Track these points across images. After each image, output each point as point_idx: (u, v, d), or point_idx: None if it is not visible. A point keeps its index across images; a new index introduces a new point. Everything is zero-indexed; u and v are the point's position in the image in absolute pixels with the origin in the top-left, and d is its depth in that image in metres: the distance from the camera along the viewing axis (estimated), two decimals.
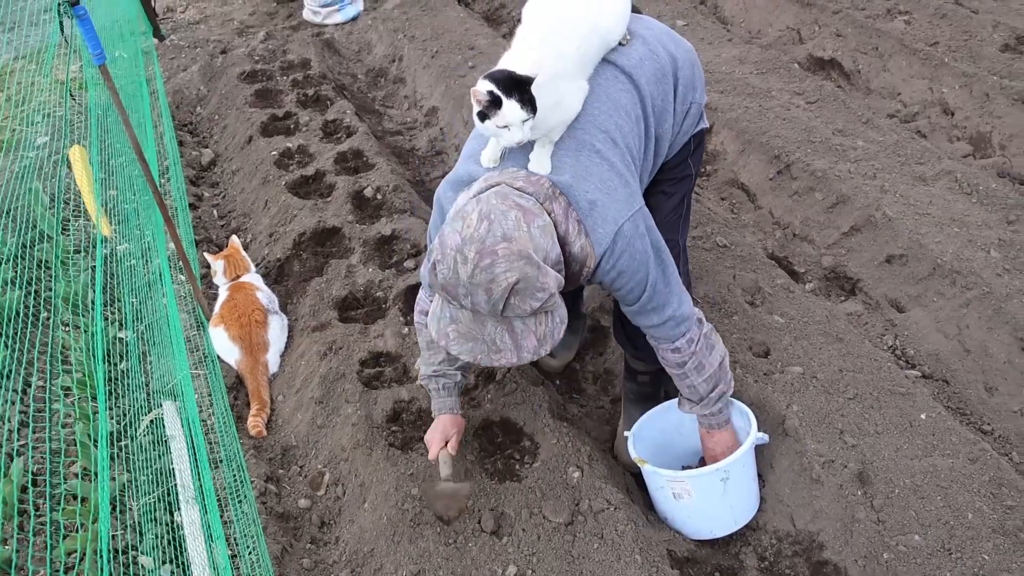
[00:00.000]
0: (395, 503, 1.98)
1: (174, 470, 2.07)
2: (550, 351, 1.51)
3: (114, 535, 1.98)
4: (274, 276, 3.00)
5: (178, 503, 1.99)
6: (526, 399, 2.23)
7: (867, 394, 2.13)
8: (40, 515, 2.02)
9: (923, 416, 2.06)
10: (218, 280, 2.81)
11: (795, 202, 3.03)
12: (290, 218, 3.19)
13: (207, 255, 2.87)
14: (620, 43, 1.68)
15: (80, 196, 2.96)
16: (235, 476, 2.10)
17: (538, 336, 1.46)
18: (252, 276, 2.82)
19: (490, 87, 1.40)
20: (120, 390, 2.44)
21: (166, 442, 2.17)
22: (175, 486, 2.03)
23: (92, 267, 2.72)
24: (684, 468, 2.09)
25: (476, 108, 1.44)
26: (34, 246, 2.99)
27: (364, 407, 2.28)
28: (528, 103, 1.40)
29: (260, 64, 4.58)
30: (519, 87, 1.40)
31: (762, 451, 2.04)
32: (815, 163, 3.05)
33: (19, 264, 2.85)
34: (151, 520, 2.01)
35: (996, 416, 2.25)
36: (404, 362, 2.47)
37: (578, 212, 1.53)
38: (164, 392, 2.38)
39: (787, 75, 3.71)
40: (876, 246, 2.73)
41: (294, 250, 3.05)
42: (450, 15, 4.74)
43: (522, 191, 1.48)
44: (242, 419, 2.44)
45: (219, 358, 2.60)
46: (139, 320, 2.69)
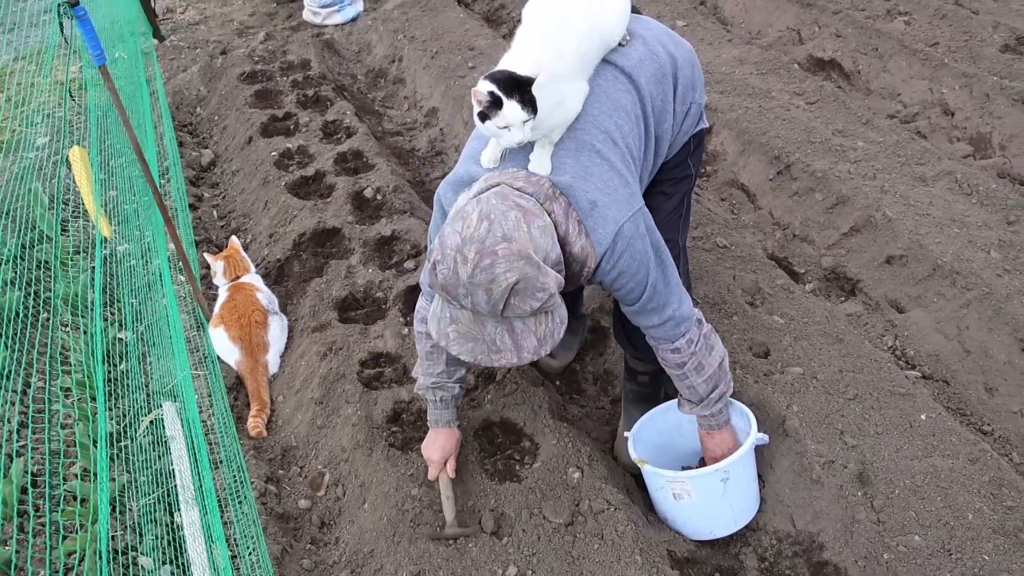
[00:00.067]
0: (395, 503, 1.98)
1: (174, 471, 2.07)
2: (550, 351, 1.52)
3: (114, 536, 1.98)
4: (274, 277, 3.00)
5: (178, 504, 1.99)
6: (526, 399, 2.23)
7: (867, 395, 2.13)
8: (40, 516, 2.02)
9: (923, 417, 2.06)
10: (218, 281, 2.81)
11: (795, 203, 3.03)
12: (290, 219, 3.19)
13: (207, 256, 2.86)
14: (620, 43, 1.69)
15: (80, 197, 2.96)
16: (235, 477, 2.10)
17: (538, 336, 1.47)
18: (252, 277, 2.82)
19: (491, 87, 1.40)
20: (120, 391, 2.44)
21: (166, 443, 2.17)
22: (175, 487, 2.03)
23: (92, 268, 2.71)
24: (684, 469, 2.08)
25: (477, 109, 1.43)
26: (34, 247, 2.99)
27: (364, 408, 2.28)
28: (529, 104, 1.40)
29: (260, 65, 4.58)
30: (520, 87, 1.39)
31: (762, 451, 2.04)
32: (815, 164, 3.05)
33: (19, 265, 2.85)
34: (151, 521, 2.00)
35: (996, 417, 2.25)
36: (404, 363, 2.47)
37: (578, 212, 1.53)
38: (164, 393, 2.38)
39: (787, 75, 3.71)
40: (876, 247, 2.73)
41: (294, 251, 3.05)
42: (450, 16, 4.74)
43: (522, 191, 1.48)
44: (242, 420, 2.44)
45: (219, 359, 2.60)
46: (139, 321, 2.69)
